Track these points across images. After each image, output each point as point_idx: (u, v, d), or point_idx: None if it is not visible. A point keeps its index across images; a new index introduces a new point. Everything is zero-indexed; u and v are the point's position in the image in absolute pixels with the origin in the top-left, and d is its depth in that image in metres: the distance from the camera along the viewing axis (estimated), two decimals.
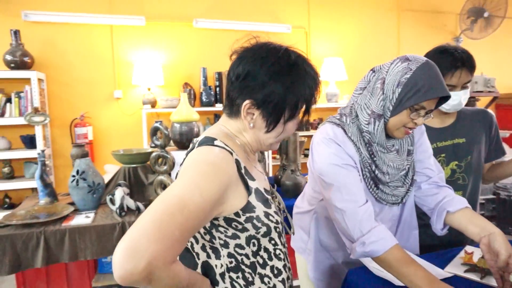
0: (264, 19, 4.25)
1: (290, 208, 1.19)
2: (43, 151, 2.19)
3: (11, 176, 3.45)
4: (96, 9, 3.73)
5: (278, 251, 0.87)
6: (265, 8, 4.30)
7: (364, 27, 4.77)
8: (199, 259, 0.84)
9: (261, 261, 0.85)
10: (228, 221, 0.79)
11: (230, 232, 0.80)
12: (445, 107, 1.41)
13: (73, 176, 2.01)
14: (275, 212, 0.86)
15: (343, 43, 4.69)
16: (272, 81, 0.80)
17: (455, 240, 1.39)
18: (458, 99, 1.37)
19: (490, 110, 1.55)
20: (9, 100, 3.36)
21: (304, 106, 0.86)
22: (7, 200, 3.48)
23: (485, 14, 4.74)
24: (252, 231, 0.81)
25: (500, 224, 3.82)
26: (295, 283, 1.08)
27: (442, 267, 1.15)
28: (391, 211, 1.21)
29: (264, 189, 0.87)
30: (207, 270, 0.84)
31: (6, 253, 1.65)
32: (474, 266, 1.11)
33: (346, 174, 1.08)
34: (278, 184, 2.27)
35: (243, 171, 0.81)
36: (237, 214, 0.79)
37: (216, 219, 0.79)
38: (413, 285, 0.92)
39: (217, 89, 3.93)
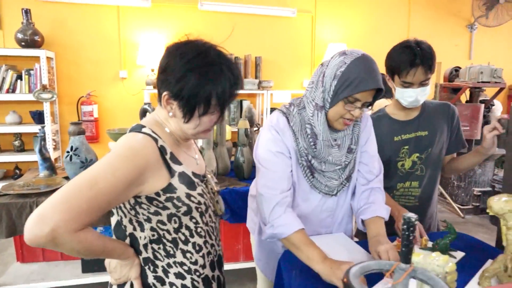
0: (269, 3, 4.26)
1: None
2: (43, 127, 2.35)
3: (21, 149, 3.68)
4: None
5: (199, 229, 0.98)
6: None
7: (373, 12, 4.70)
8: (126, 231, 0.95)
9: (183, 238, 0.96)
10: (150, 199, 0.90)
11: (152, 209, 0.91)
12: (403, 102, 1.46)
13: (67, 152, 2.16)
14: (199, 194, 0.96)
15: (349, 29, 4.65)
16: (186, 76, 0.87)
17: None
18: (414, 96, 1.41)
19: (452, 104, 1.58)
20: (19, 77, 3.54)
21: (218, 105, 0.92)
22: (17, 171, 3.72)
23: (501, 1, 4.59)
24: (172, 210, 0.92)
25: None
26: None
27: None
28: (326, 202, 1.28)
29: (193, 173, 0.97)
30: (133, 241, 0.95)
31: (2, 220, 1.83)
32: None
33: (275, 162, 1.17)
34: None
35: (168, 156, 0.91)
36: (157, 193, 0.89)
37: (139, 197, 0.89)
38: (309, 260, 1.06)
39: None
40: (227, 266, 2.49)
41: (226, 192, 2.32)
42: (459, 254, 1.20)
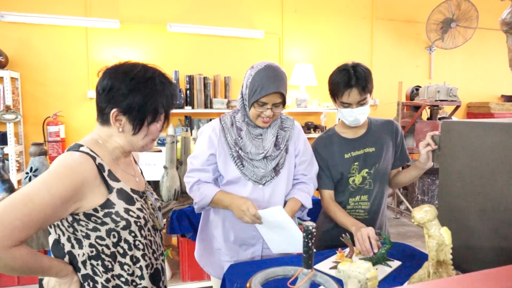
0: (237, 25, 4.39)
1: None
2: (2, 148, 2.32)
3: None
4: (72, 12, 3.86)
5: (137, 242, 1.01)
6: (239, 14, 4.45)
7: (338, 34, 4.92)
8: (64, 249, 0.98)
9: (121, 251, 0.99)
10: (88, 216, 0.93)
11: (91, 225, 0.94)
12: (345, 121, 1.57)
13: (27, 173, 2.14)
14: (138, 209, 1.00)
15: (314, 50, 4.84)
16: (132, 92, 0.96)
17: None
18: (354, 115, 1.52)
19: (395, 121, 1.69)
20: None
21: (163, 112, 1.03)
22: None
23: (452, 25, 4.90)
24: (111, 225, 0.95)
25: None
26: None
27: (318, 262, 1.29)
28: (256, 191, 1.44)
29: (132, 189, 1.02)
30: (71, 258, 0.97)
31: None
32: (338, 263, 1.24)
33: (202, 158, 1.45)
34: None
35: (106, 173, 0.96)
36: (95, 209, 0.93)
37: (77, 214, 0.92)
38: (224, 203, 1.39)
39: (188, 92, 4.06)
40: (193, 285, 2.50)
41: (190, 210, 2.35)
42: (395, 263, 1.28)
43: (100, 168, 0.95)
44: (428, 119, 4.65)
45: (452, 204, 1.43)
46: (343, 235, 1.29)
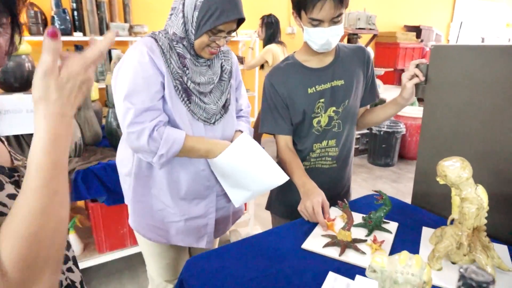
0: None
1: None
2: None
3: None
4: None
5: None
6: None
7: None
8: None
9: None
10: None
11: None
12: (312, 46, 1.20)
13: None
14: (9, 196, 0.54)
15: None
16: None
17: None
18: (325, 37, 1.16)
19: (369, 48, 1.38)
20: None
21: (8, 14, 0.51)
22: None
23: None
24: None
25: (372, 156, 4.16)
26: None
27: (303, 238, 1.00)
28: (208, 133, 1.19)
29: None
30: None
31: None
32: (334, 238, 0.97)
33: (141, 91, 1.06)
34: None
35: None
36: None
37: None
38: (201, 151, 1.12)
39: (75, 12, 3.16)
40: (113, 255, 2.07)
41: (99, 168, 1.82)
42: (393, 225, 1.04)
43: None
44: None
45: (439, 146, 1.21)
46: (339, 202, 1.00)
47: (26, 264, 0.45)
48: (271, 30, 3.37)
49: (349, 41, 4.42)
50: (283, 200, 1.42)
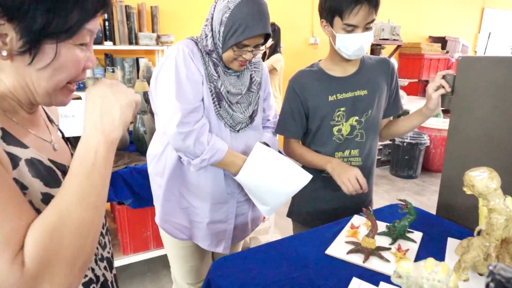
0: None
1: None
2: None
3: None
4: None
5: None
6: None
7: None
8: None
9: None
10: None
11: None
12: (345, 52, 1.21)
13: None
14: None
15: None
16: None
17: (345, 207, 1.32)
18: (359, 43, 1.17)
19: (393, 59, 1.39)
20: None
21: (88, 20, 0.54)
22: None
23: None
24: None
25: (394, 168, 4.10)
26: None
27: (327, 244, 1.01)
28: (235, 140, 1.23)
29: (51, 160, 0.60)
30: None
31: None
32: (358, 245, 0.98)
33: (186, 91, 1.10)
34: None
35: None
36: None
37: None
38: (234, 164, 1.16)
39: (106, 23, 3.30)
40: (137, 257, 2.12)
41: (126, 172, 1.88)
42: (418, 235, 1.04)
43: None
44: None
45: (466, 157, 1.20)
46: (364, 209, 1.00)
47: (45, 259, 0.45)
48: (275, 39, 3.42)
49: (372, 52, 4.40)
50: (304, 208, 1.44)
